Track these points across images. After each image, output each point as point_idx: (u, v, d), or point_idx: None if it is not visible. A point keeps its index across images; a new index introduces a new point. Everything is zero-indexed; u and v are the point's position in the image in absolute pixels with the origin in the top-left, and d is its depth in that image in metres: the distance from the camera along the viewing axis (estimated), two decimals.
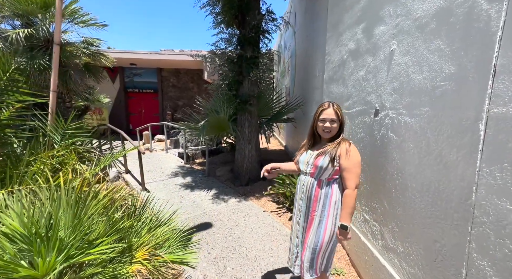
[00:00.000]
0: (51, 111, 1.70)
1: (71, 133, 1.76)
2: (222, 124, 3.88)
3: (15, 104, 1.57)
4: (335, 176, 1.42)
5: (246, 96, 3.92)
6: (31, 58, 3.96)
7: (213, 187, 4.12)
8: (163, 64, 10.62)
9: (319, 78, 3.50)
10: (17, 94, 1.60)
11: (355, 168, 1.36)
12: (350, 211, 1.35)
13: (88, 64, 4.84)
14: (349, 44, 2.37)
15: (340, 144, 1.40)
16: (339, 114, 1.42)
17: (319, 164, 1.39)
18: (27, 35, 3.95)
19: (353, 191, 1.35)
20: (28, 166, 1.58)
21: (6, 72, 1.57)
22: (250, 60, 3.71)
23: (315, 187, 1.43)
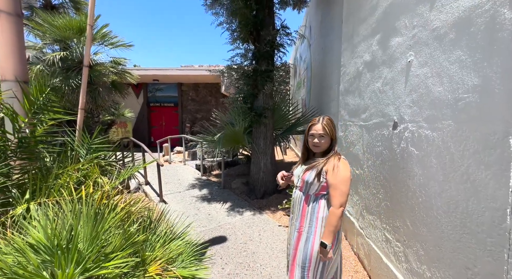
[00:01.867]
0: (79, 128, 1.83)
1: (95, 148, 1.88)
2: (238, 137, 3.93)
3: (48, 122, 1.72)
4: (323, 192, 1.37)
5: (261, 109, 3.96)
6: (65, 78, 4.36)
7: (229, 199, 4.12)
8: (183, 79, 11.14)
9: (335, 90, 3.46)
10: (51, 112, 1.75)
11: (341, 184, 1.29)
12: (332, 229, 1.27)
13: (115, 81, 5.22)
14: (364, 55, 2.34)
15: (329, 159, 1.36)
16: (327, 130, 1.38)
17: (306, 178, 1.38)
18: (62, 58, 4.38)
19: (337, 209, 1.27)
20: (56, 179, 1.69)
21: (43, 93, 1.73)
22: (265, 73, 3.78)
23: (303, 201, 1.41)
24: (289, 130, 4.70)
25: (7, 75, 1.72)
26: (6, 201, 1.52)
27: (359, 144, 2.48)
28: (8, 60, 1.73)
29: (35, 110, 1.68)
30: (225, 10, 3.77)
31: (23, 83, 1.72)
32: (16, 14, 1.76)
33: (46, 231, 1.09)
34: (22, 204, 1.49)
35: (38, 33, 4.33)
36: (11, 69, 1.73)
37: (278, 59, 4.04)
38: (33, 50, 4.56)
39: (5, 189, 1.53)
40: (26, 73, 1.77)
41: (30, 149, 1.60)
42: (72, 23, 4.36)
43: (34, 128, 1.67)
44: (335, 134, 1.41)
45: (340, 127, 3.09)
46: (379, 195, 1.98)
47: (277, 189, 4.46)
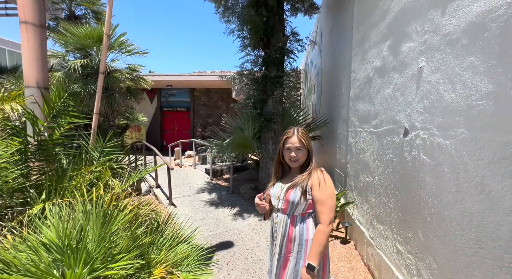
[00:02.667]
0: (93, 131, 1.92)
1: (107, 151, 1.95)
2: (247, 142, 3.95)
3: (65, 125, 1.81)
4: (310, 210, 1.25)
5: (270, 114, 3.97)
6: (84, 84, 4.59)
7: (237, 204, 4.12)
8: (195, 84, 11.40)
9: (345, 95, 3.42)
10: (68, 116, 1.84)
11: (329, 199, 1.20)
12: (320, 249, 1.14)
13: (130, 87, 5.43)
14: (375, 61, 2.31)
15: (312, 173, 1.24)
16: (303, 142, 1.26)
17: (291, 198, 1.23)
18: (83, 65, 4.62)
19: (327, 227, 1.16)
20: (71, 180, 1.77)
21: (61, 98, 1.83)
22: (274, 79, 3.80)
23: (289, 225, 1.26)
24: None
25: (30, 82, 1.84)
26: (25, 200, 1.61)
27: (369, 151, 2.42)
28: (32, 68, 1.86)
29: (54, 114, 1.78)
30: (237, 17, 3.85)
31: (44, 89, 1.83)
32: (41, 25, 1.89)
33: (58, 231, 1.14)
34: (38, 203, 1.56)
35: (61, 42, 4.60)
36: (34, 76, 1.85)
37: (288, 65, 4.06)
38: (56, 58, 4.84)
39: (24, 189, 1.62)
40: (47, 80, 1.88)
41: (48, 151, 1.68)
42: (92, 32, 4.61)
43: (52, 132, 1.76)
44: (311, 146, 1.29)
45: (350, 133, 3.03)
46: (390, 204, 1.91)
47: None
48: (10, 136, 1.58)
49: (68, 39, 4.52)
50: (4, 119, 1.68)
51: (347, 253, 2.63)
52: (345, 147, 3.35)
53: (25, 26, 1.83)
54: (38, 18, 1.88)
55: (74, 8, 6.24)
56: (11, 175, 1.50)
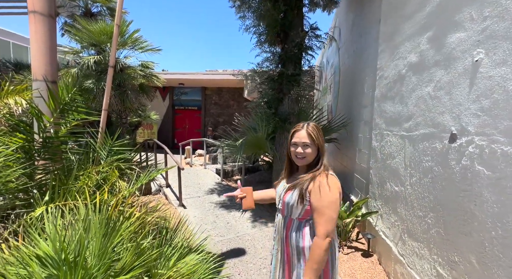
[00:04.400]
0: (101, 129, 1.80)
1: (116, 150, 1.82)
2: (260, 143, 3.76)
3: (72, 122, 1.69)
4: (307, 217, 1.11)
5: (285, 114, 3.76)
6: (98, 80, 4.55)
7: None
8: (207, 83, 11.35)
9: (368, 95, 3.17)
10: (75, 113, 1.73)
11: (328, 209, 1.03)
12: (315, 266, 1.01)
13: (142, 84, 5.38)
14: (409, 56, 2.06)
15: (316, 176, 1.08)
16: (313, 137, 1.10)
17: (287, 199, 1.12)
18: (96, 61, 4.59)
19: (323, 240, 1.01)
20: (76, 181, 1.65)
21: (69, 93, 1.72)
22: (291, 77, 3.59)
23: (285, 228, 1.16)
24: None
25: (38, 75, 1.74)
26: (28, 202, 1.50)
27: (399, 157, 2.17)
28: (40, 61, 1.75)
29: (61, 110, 1.66)
30: (252, 12, 3.67)
31: (51, 83, 1.72)
32: (49, 15, 1.78)
33: (54, 243, 0.99)
34: (41, 205, 1.45)
35: (77, 38, 4.60)
36: (42, 70, 1.74)
37: (305, 63, 3.84)
38: (72, 55, 4.85)
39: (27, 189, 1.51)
40: (56, 74, 1.78)
41: (53, 149, 1.57)
42: (106, 28, 4.57)
43: (58, 129, 1.65)
44: (322, 144, 1.12)
45: (375, 136, 2.78)
46: (428, 219, 1.67)
47: None
48: (13, 132, 1.47)
49: (83, 36, 4.51)
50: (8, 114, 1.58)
51: (370, 268, 2.40)
52: (367, 151, 3.09)
53: (34, 15, 1.73)
54: (47, 8, 1.77)
55: (90, 5, 6.29)
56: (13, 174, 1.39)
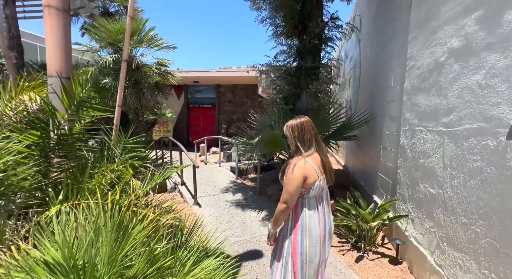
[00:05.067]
0: (115, 126, 1.74)
1: (130, 148, 1.76)
2: (276, 141, 3.61)
3: (87, 118, 1.64)
4: None
5: (303, 110, 3.58)
6: (115, 78, 4.61)
7: (264, 207, 3.81)
8: (221, 80, 11.32)
9: (395, 89, 2.91)
10: (90, 109, 1.67)
11: (287, 184, 1.33)
12: (274, 219, 1.42)
13: (158, 82, 5.40)
14: (449, 41, 1.82)
15: (292, 160, 1.39)
16: (288, 131, 1.45)
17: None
18: (114, 60, 4.64)
19: (280, 204, 1.36)
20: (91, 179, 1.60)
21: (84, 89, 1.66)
22: (310, 71, 3.40)
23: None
24: (334, 136, 4.20)
25: (52, 71, 1.70)
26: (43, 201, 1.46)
27: (436, 155, 1.94)
28: (55, 56, 1.71)
29: (75, 106, 1.61)
30: (269, 3, 3.51)
31: (65, 79, 1.67)
32: (64, 9, 1.73)
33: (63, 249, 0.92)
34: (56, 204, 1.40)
35: (96, 37, 4.67)
36: (57, 65, 1.70)
37: (325, 55, 3.63)
38: (91, 53, 4.95)
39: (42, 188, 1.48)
40: (70, 69, 1.73)
41: (68, 146, 1.52)
42: (123, 27, 4.60)
43: (72, 125, 1.60)
44: (294, 137, 1.42)
45: (404, 133, 2.54)
46: (476, 227, 1.45)
47: None
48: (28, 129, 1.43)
49: (101, 34, 4.57)
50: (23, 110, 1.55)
51: (399, 277, 2.19)
52: (394, 149, 2.85)
53: (48, 10, 1.69)
54: (62, 2, 1.72)
55: (108, 5, 6.40)
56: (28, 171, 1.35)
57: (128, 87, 4.64)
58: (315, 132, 1.43)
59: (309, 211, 1.36)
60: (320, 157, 1.39)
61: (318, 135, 1.45)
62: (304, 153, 1.36)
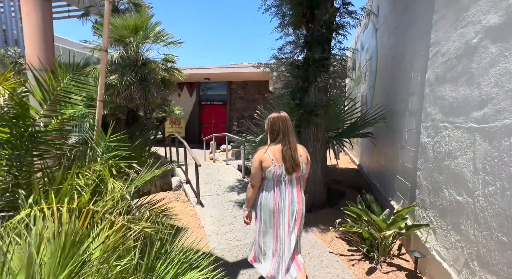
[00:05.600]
0: (97, 122, 1.61)
1: (113, 147, 1.62)
2: None
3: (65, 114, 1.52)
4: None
5: (311, 105, 3.31)
6: (121, 75, 4.57)
7: None
8: (232, 77, 11.17)
9: (415, 80, 2.57)
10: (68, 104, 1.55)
11: (251, 167, 1.68)
12: (246, 199, 1.76)
13: (164, 79, 5.32)
14: (485, 19, 1.49)
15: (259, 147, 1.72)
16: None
17: None
18: (120, 56, 4.61)
19: (249, 184, 1.71)
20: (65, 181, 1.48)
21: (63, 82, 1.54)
22: (318, 62, 3.11)
23: None
24: (347, 133, 3.89)
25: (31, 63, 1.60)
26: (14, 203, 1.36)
27: (464, 157, 1.63)
28: (33, 47, 1.61)
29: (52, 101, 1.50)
30: None
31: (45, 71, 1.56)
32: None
33: None
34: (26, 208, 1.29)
35: (101, 34, 4.66)
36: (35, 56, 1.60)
37: (336, 45, 3.31)
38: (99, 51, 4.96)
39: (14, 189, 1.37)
40: (50, 60, 1.62)
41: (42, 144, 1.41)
42: (128, 22, 4.55)
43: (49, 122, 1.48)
44: (266, 129, 1.71)
45: (425, 130, 2.22)
46: None
47: (329, 202, 3.74)
48: None
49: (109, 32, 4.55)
50: None
51: None
52: (414, 148, 2.52)
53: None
54: None
55: (117, 3, 6.41)
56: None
57: (134, 83, 4.60)
58: (284, 127, 1.63)
59: (266, 192, 1.67)
60: (282, 148, 1.60)
61: (288, 130, 1.63)
62: (268, 143, 1.67)
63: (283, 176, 1.61)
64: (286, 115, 1.67)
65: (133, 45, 4.51)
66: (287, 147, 1.60)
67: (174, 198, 4.15)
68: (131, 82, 4.60)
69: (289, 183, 1.65)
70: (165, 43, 5.16)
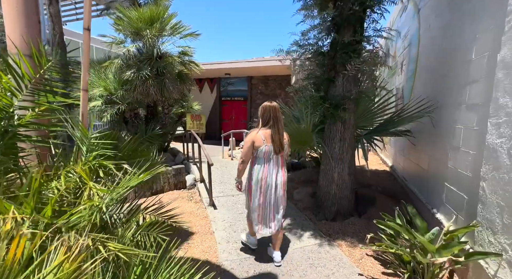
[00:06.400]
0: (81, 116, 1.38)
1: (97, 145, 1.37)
2: (303, 137, 2.96)
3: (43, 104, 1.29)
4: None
5: (338, 98, 2.84)
6: (138, 70, 4.47)
7: (289, 215, 3.23)
8: (253, 72, 10.85)
9: (479, 63, 2.00)
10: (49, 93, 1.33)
11: (244, 145, 2.09)
12: (237, 171, 2.18)
13: (181, 73, 5.14)
14: None
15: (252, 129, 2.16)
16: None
17: None
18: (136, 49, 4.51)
19: (239, 160, 2.12)
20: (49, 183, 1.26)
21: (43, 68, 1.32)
22: (348, 47, 2.63)
23: None
24: (380, 130, 3.35)
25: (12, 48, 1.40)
26: None
27: None
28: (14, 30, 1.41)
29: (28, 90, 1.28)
30: None
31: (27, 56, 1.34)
32: None
33: None
34: None
35: (119, 28, 4.59)
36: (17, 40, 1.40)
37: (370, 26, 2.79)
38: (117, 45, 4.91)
39: None
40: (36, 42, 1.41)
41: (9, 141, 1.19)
42: (143, 14, 4.41)
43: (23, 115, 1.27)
44: (259, 115, 2.10)
45: (495, 128, 1.68)
46: None
47: (357, 210, 3.26)
48: None
49: (124, 24, 4.46)
50: None
51: None
52: (474, 151, 1.97)
53: None
54: None
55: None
56: None
57: (150, 78, 4.46)
58: (274, 115, 2.01)
59: (257, 165, 2.08)
60: (271, 132, 2.01)
61: (277, 118, 2.02)
62: (260, 127, 2.06)
63: (271, 154, 2.05)
64: (277, 105, 2.05)
65: (148, 38, 4.36)
66: (276, 132, 2.01)
67: (187, 197, 3.96)
68: (146, 77, 4.47)
69: (276, 160, 2.09)
70: (182, 35, 4.96)
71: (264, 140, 1.99)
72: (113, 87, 4.78)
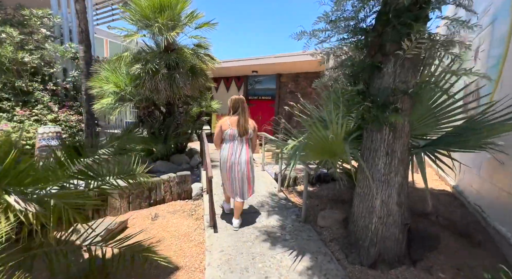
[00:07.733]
0: None
1: None
2: (331, 147, 2.12)
3: None
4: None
5: (387, 93, 1.93)
6: (146, 63, 4.07)
7: (308, 250, 2.41)
8: (282, 69, 10.06)
9: None
10: None
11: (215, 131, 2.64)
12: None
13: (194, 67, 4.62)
14: None
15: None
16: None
17: None
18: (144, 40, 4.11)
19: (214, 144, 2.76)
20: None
21: None
22: (407, 14, 1.71)
23: None
24: (449, 142, 2.31)
25: None
26: None
27: None
28: None
29: None
30: None
31: None
32: None
33: None
34: None
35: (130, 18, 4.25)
36: None
37: None
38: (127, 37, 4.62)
39: None
40: None
41: None
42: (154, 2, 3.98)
43: None
44: (230, 106, 2.66)
45: None
46: None
47: (409, 254, 2.28)
48: None
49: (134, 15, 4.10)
50: None
51: None
52: None
53: None
54: None
55: None
56: None
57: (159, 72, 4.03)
58: (241, 106, 2.61)
59: (224, 144, 2.67)
60: (238, 118, 2.58)
61: (244, 109, 2.61)
62: (230, 114, 2.65)
63: (236, 136, 2.60)
64: (243, 98, 2.68)
65: (156, 28, 3.91)
66: (242, 118, 2.58)
67: (189, 210, 3.38)
68: (155, 71, 4.04)
69: (240, 141, 2.64)
70: (197, 25, 4.44)
71: (230, 124, 2.58)
72: (124, 83, 4.48)
